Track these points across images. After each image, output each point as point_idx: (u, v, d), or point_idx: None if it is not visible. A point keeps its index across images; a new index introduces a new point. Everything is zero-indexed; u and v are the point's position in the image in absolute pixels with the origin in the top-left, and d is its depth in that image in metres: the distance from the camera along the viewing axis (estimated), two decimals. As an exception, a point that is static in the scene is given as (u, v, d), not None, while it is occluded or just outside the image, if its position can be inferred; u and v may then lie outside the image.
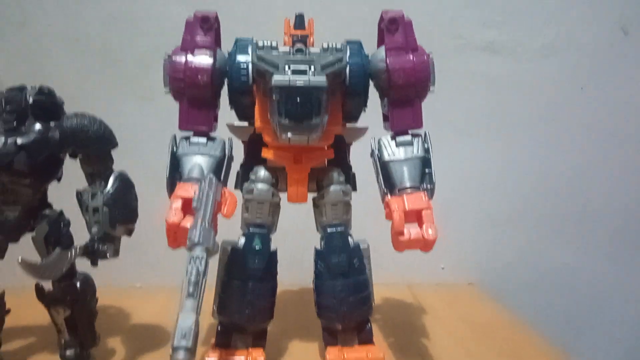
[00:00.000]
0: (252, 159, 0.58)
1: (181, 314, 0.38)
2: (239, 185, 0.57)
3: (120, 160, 0.55)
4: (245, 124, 0.58)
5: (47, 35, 0.80)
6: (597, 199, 0.94)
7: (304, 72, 0.49)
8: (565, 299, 0.97)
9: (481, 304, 0.86)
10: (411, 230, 0.52)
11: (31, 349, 0.62)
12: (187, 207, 0.48)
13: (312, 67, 0.49)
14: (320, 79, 0.49)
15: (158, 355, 0.62)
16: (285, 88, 0.49)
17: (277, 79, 0.48)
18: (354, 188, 0.59)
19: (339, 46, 0.52)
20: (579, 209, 0.94)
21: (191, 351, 0.36)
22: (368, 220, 0.58)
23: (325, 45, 0.52)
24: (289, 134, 0.50)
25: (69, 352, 0.54)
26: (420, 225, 0.52)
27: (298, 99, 0.49)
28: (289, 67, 0.49)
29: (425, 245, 0.52)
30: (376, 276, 0.59)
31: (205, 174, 0.51)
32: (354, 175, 0.60)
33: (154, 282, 0.84)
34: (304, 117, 0.50)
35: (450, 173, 0.62)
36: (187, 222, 0.47)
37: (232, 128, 0.59)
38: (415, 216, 0.52)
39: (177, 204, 0.48)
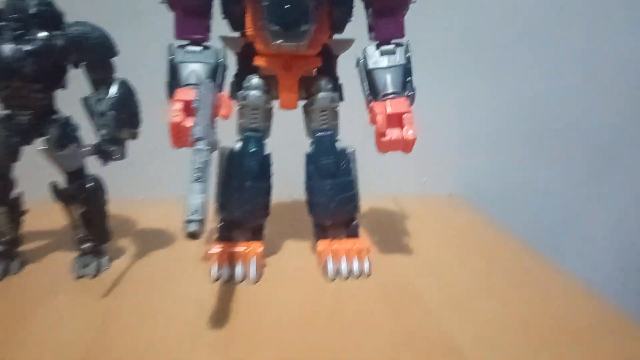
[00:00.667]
0: (245, 69, 0.62)
1: (190, 195, 0.43)
2: (233, 94, 0.61)
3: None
4: (238, 34, 0.61)
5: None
6: (571, 117, 1.00)
7: (290, -21, 0.52)
8: (538, 207, 1.05)
9: (460, 210, 0.92)
10: (393, 132, 0.57)
11: (49, 247, 0.68)
12: (187, 109, 0.53)
13: (298, -26, 0.52)
14: (306, -16, 0.52)
15: (166, 252, 0.69)
16: (273, -7, 0.52)
17: (266, -16, 0.52)
18: (341, 98, 0.64)
19: None
20: (554, 126, 1.00)
21: (202, 222, 0.42)
22: (356, 135, 0.63)
23: None
24: (280, 41, 0.54)
25: (84, 246, 0.60)
26: (401, 127, 0.57)
27: (286, 5, 0.53)
28: (277, -28, 0.52)
29: (406, 145, 0.57)
30: (363, 188, 0.65)
31: (202, 80, 0.55)
32: (341, 85, 0.64)
33: (157, 194, 0.88)
34: (293, 24, 0.53)
35: (433, 92, 0.66)
36: (189, 122, 0.52)
37: (225, 39, 0.62)
38: (397, 120, 0.57)
39: (179, 106, 0.53)
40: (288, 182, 0.68)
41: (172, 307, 0.54)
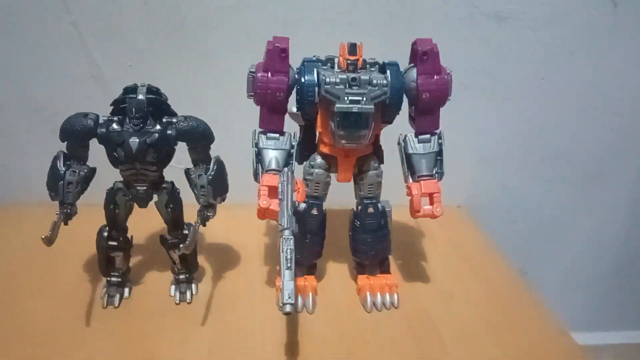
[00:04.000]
0: (307, 138, 0.77)
1: (284, 281, 0.60)
2: (296, 158, 0.76)
3: (189, 109, 0.72)
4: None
5: (120, 0, 0.92)
6: (568, 145, 1.16)
7: (358, 102, 0.67)
8: (530, 218, 1.24)
9: (467, 225, 1.10)
10: (424, 207, 0.74)
11: (148, 265, 0.86)
12: (272, 192, 0.69)
13: (364, 98, 0.67)
14: (370, 107, 0.67)
15: (237, 272, 0.86)
16: (343, 112, 0.67)
17: (339, 106, 0.66)
18: (382, 161, 0.79)
19: (382, 80, 0.68)
20: (552, 153, 1.16)
21: (294, 306, 0.59)
22: (388, 166, 0.79)
23: (371, 76, 0.68)
24: (343, 141, 0.70)
25: (181, 276, 0.78)
26: (431, 203, 0.74)
27: (352, 118, 0.68)
28: (347, 98, 0.66)
29: (433, 217, 0.74)
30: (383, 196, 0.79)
31: (281, 165, 0.71)
32: (382, 152, 0.80)
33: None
34: (356, 130, 0.69)
35: (453, 120, 0.79)
36: (273, 206, 0.68)
37: (291, 115, 0.77)
38: (428, 196, 0.74)
39: (265, 191, 0.69)
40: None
41: (258, 327, 0.74)
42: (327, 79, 0.67)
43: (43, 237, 0.61)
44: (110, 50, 0.96)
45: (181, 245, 0.68)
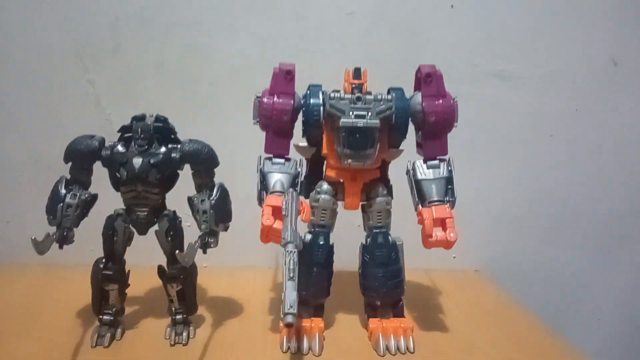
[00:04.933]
0: (314, 172, 0.76)
1: (286, 291, 0.55)
2: (302, 192, 0.74)
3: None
4: (306, 144, 0.75)
5: (136, 61, 0.97)
6: (584, 204, 1.13)
7: (363, 117, 0.66)
8: (553, 285, 1.16)
9: (485, 287, 1.03)
10: (437, 234, 0.69)
11: (142, 313, 0.80)
12: (276, 213, 0.66)
13: (369, 113, 0.67)
14: (375, 122, 0.66)
15: (238, 320, 0.80)
16: (349, 127, 0.66)
17: (344, 120, 0.66)
18: (391, 196, 0.77)
19: (387, 96, 0.69)
20: (568, 213, 1.13)
21: (295, 316, 0.54)
22: (399, 220, 0.76)
23: (376, 94, 0.69)
24: (350, 160, 0.68)
25: (178, 317, 0.73)
26: (444, 229, 0.70)
27: (358, 135, 0.67)
28: (353, 113, 0.66)
29: (447, 244, 0.70)
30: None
31: (286, 188, 0.69)
32: (391, 186, 0.77)
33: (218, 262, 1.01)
34: (361, 148, 0.68)
35: (464, 181, 0.77)
36: (277, 224, 0.64)
37: (298, 148, 0.76)
38: (440, 222, 0.70)
39: (269, 210, 0.66)
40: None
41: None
42: (332, 95, 0.68)
43: (33, 237, 0.57)
44: (123, 107, 0.98)
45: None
